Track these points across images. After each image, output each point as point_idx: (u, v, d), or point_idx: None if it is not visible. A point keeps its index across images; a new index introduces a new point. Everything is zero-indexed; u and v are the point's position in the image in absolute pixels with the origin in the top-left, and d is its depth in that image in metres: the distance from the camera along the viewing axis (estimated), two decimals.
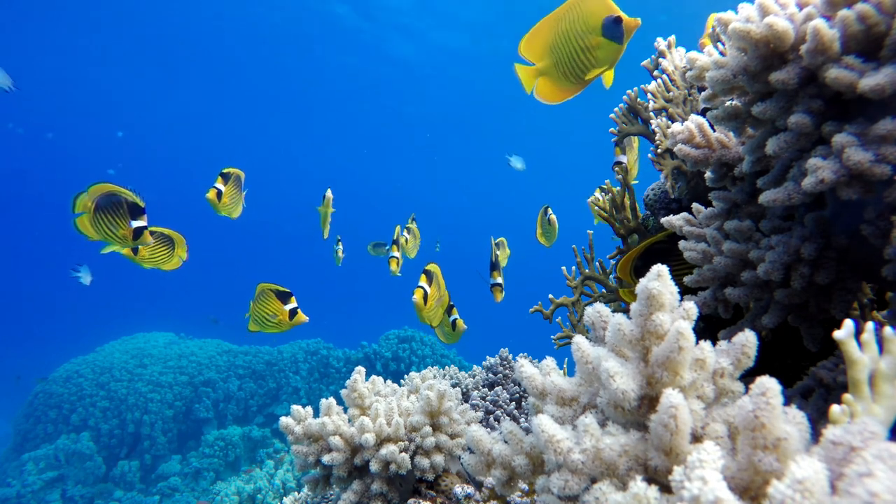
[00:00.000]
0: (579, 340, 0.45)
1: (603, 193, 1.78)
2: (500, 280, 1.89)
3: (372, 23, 12.03)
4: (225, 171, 1.84)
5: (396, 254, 2.13)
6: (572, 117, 14.16)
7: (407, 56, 13.31)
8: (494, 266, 1.92)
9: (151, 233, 1.60)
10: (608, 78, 1.06)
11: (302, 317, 1.56)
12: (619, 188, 1.20)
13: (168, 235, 1.76)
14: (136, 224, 1.50)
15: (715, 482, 0.30)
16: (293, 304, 1.55)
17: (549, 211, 2.23)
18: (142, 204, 1.51)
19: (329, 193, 2.42)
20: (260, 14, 12.00)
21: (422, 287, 1.69)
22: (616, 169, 1.44)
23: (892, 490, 0.28)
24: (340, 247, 2.82)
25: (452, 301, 2.05)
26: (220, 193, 1.76)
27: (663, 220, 0.80)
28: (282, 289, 1.55)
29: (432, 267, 1.75)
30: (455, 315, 1.99)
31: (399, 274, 2.14)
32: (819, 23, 0.53)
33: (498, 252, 2.13)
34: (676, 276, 0.84)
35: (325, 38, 12.73)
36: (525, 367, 0.48)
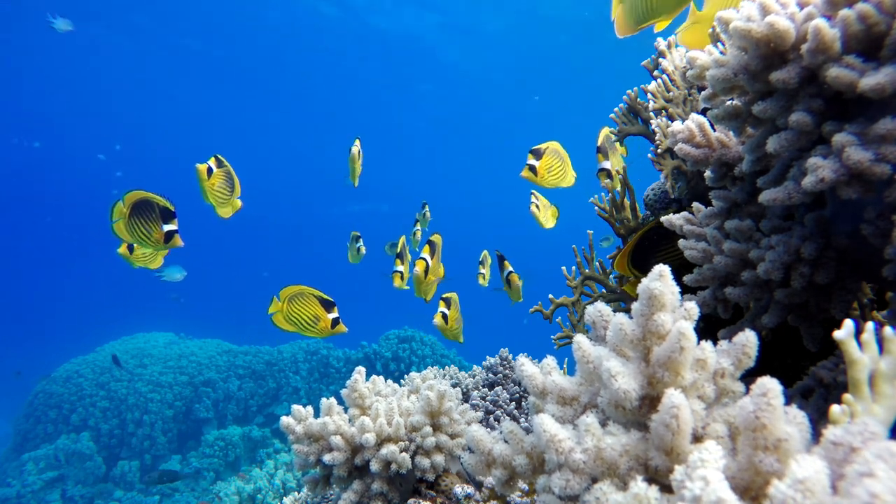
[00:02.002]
0: (580, 340, 0.45)
1: (558, 153, 1.77)
2: (511, 269, 1.89)
3: (367, 19, 12.03)
4: (220, 157, 1.83)
5: (401, 268, 2.07)
6: (572, 116, 14.15)
7: (408, 54, 13.32)
8: (503, 258, 1.93)
9: None
10: (659, 23, 1.04)
11: (342, 327, 1.63)
12: (619, 188, 1.20)
13: None
14: (167, 228, 1.56)
15: (717, 482, 0.30)
16: (335, 313, 1.62)
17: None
18: (172, 208, 1.56)
19: (356, 147, 2.33)
20: (256, 10, 11.99)
21: (424, 259, 1.71)
22: (601, 175, 1.44)
23: (892, 490, 0.28)
24: (361, 244, 2.80)
25: (453, 297, 2.04)
26: (210, 171, 1.76)
27: (663, 218, 0.80)
28: (326, 297, 1.62)
29: (435, 238, 1.77)
30: (442, 308, 1.97)
31: (406, 287, 2.09)
32: (820, 22, 0.53)
33: (483, 271, 2.13)
34: (670, 262, 0.84)
35: (323, 36, 12.73)
36: (526, 366, 0.48)
